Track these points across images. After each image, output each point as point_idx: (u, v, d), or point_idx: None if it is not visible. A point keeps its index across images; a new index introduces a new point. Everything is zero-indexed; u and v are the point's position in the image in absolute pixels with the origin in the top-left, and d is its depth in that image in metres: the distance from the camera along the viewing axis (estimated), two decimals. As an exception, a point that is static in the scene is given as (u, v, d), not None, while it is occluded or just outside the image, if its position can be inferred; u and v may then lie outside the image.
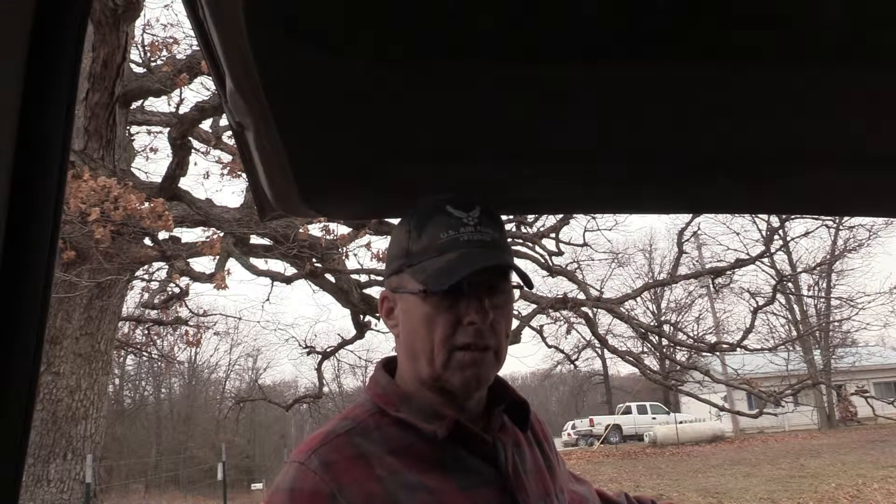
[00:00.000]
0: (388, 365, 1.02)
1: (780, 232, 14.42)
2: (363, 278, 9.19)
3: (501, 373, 0.99)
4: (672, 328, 15.37)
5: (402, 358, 0.99)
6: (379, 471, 0.85)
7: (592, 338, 11.45)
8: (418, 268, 0.93)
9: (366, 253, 11.96)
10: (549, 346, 12.41)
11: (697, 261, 20.47)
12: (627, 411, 28.12)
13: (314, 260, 8.19)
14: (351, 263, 8.49)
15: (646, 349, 14.39)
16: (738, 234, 35.29)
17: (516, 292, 9.96)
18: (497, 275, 0.93)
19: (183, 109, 8.83)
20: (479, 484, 0.90)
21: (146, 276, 9.49)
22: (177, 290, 8.83)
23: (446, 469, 0.89)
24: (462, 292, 0.91)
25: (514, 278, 0.95)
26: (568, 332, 11.62)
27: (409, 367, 0.97)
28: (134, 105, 8.16)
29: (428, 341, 0.92)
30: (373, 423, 0.92)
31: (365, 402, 0.97)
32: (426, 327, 0.92)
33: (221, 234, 7.47)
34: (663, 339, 11.33)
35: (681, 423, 24.21)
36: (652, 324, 15.73)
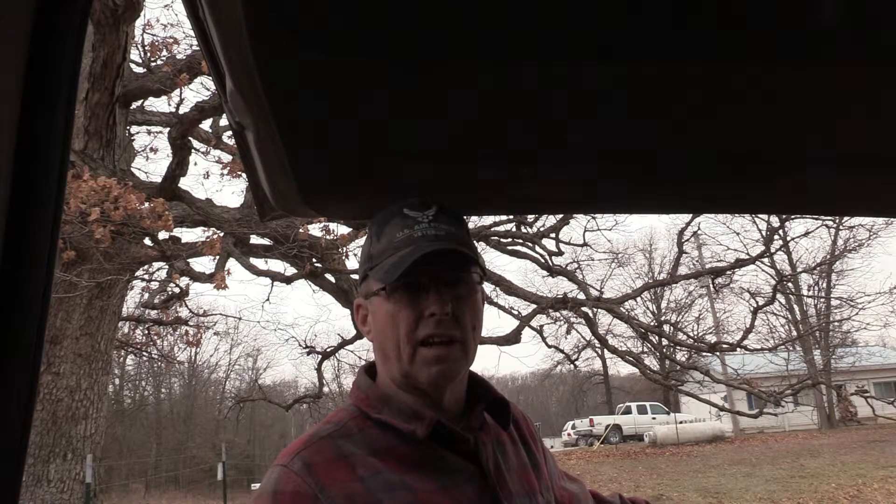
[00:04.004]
0: (370, 369, 1.03)
1: (780, 232, 14.41)
2: (363, 278, 9.15)
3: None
4: (672, 328, 15.36)
5: (378, 361, 1.00)
6: (361, 471, 0.86)
7: (592, 338, 11.43)
8: (378, 268, 0.95)
9: (366, 253, 11.92)
10: (549, 346, 12.36)
11: (697, 261, 20.47)
12: (627, 411, 28.11)
13: (314, 260, 8.19)
14: (351, 263, 8.48)
15: (646, 349, 14.37)
16: (738, 234, 35.34)
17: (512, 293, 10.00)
18: (457, 267, 0.95)
19: (183, 109, 8.83)
20: (461, 482, 0.90)
21: (146, 276, 9.49)
22: (177, 290, 8.83)
23: (428, 468, 0.90)
24: (423, 287, 0.92)
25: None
26: (568, 332, 11.61)
27: (384, 369, 0.98)
28: (134, 105, 8.16)
29: (394, 338, 0.93)
30: (355, 426, 0.93)
31: (348, 407, 0.98)
32: (391, 325, 0.93)
33: (221, 234, 7.46)
34: (663, 339, 11.31)
35: (681, 423, 24.20)
36: (652, 324, 15.72)
